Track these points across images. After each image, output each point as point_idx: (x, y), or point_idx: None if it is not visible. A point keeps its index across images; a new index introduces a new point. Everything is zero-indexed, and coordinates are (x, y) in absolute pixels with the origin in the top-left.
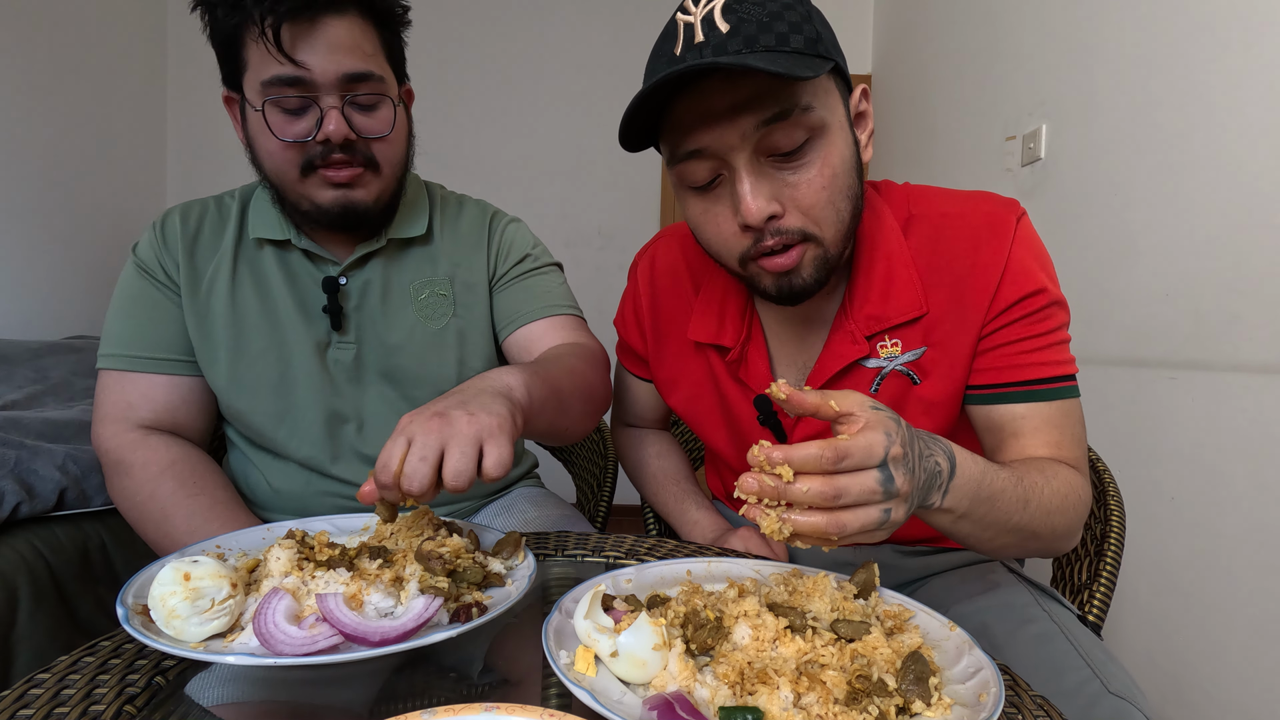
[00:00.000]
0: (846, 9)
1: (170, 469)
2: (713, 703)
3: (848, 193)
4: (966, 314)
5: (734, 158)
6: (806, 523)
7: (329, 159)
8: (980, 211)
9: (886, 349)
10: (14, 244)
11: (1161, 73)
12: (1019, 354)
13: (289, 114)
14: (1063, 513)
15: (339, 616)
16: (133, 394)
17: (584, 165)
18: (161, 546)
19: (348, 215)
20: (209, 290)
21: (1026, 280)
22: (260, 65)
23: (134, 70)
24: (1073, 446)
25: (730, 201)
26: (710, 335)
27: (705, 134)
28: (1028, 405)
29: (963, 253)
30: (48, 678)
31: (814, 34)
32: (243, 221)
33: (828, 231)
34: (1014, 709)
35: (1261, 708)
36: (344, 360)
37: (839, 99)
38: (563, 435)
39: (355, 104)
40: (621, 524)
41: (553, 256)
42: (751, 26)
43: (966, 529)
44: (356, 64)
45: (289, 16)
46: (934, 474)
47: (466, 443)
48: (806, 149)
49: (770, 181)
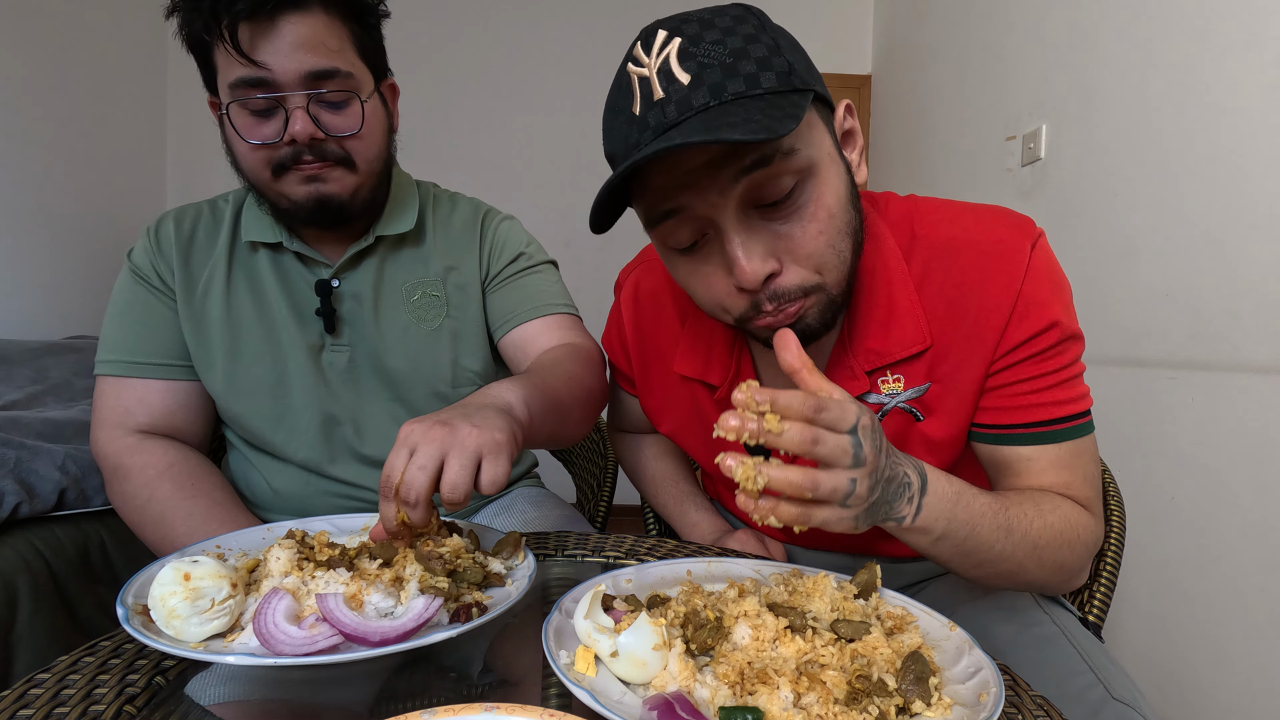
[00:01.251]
0: (846, 9)
1: (168, 472)
2: (713, 703)
3: (847, 230)
4: (974, 350)
5: (719, 216)
6: (781, 475)
7: (299, 160)
8: (991, 238)
9: (888, 384)
10: (14, 244)
11: (1161, 73)
12: (1028, 394)
13: (256, 116)
14: (1055, 548)
15: (339, 616)
16: (130, 399)
17: (584, 165)
18: (161, 549)
19: (324, 209)
20: (204, 294)
21: (1040, 315)
22: (226, 68)
23: (134, 70)
24: (1083, 486)
25: (721, 260)
26: (697, 371)
27: (682, 194)
28: (1035, 448)
29: (971, 283)
30: (48, 678)
31: (784, 66)
32: (236, 225)
33: (830, 276)
34: (1014, 709)
35: (1261, 708)
36: (338, 363)
37: (824, 130)
38: (561, 441)
39: (322, 101)
40: (621, 524)
41: (547, 254)
42: (715, 73)
43: (947, 552)
44: (320, 61)
45: (245, 16)
46: (902, 483)
47: (466, 455)
48: (796, 194)
49: (762, 237)
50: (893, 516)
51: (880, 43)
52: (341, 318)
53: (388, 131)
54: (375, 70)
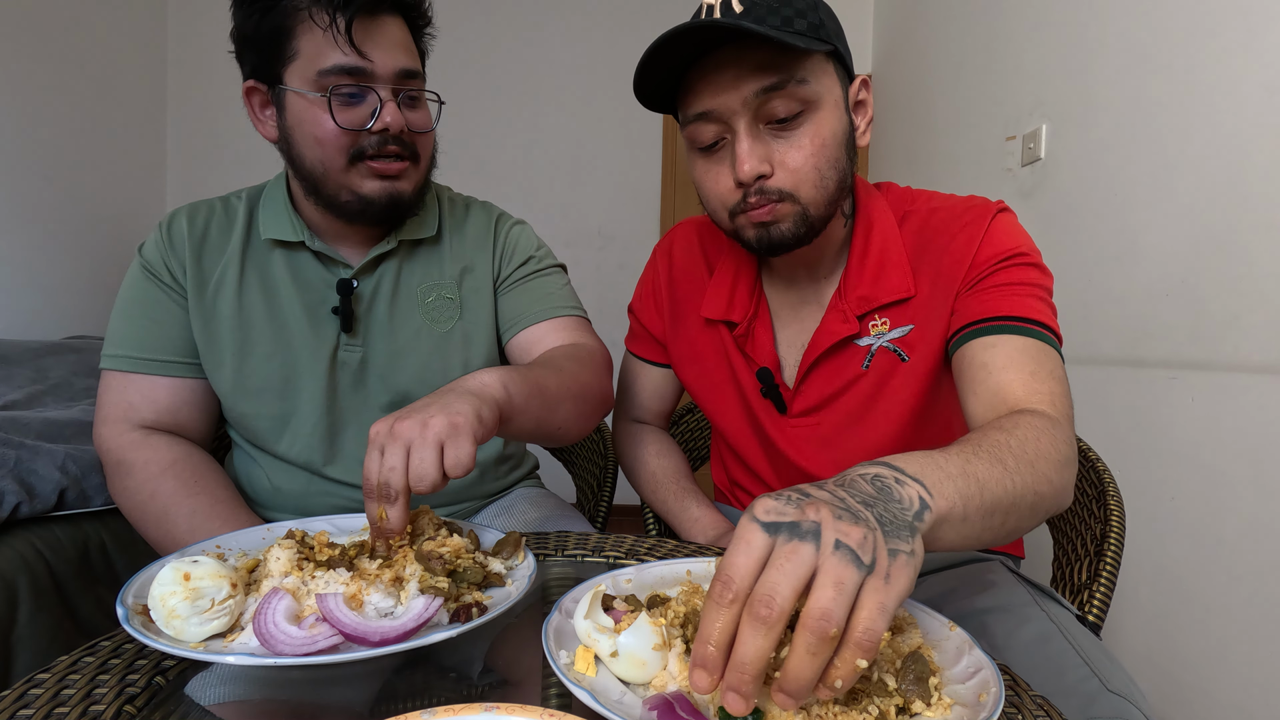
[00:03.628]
0: (846, 9)
1: (171, 468)
2: (713, 703)
3: (834, 164)
4: (947, 287)
5: (735, 121)
6: (793, 672)
7: (383, 149)
8: (965, 204)
9: (876, 327)
10: (14, 244)
11: (1161, 73)
12: (990, 296)
13: (347, 100)
14: (1041, 453)
15: (339, 616)
16: (134, 395)
17: (584, 166)
18: (163, 545)
19: (393, 207)
20: (215, 292)
21: (1003, 245)
22: (317, 55)
23: (134, 71)
24: (1049, 381)
25: (729, 161)
26: (720, 312)
27: (712, 98)
28: (996, 337)
29: (945, 236)
30: (48, 678)
31: (817, 20)
32: (250, 223)
33: (808, 193)
34: (1014, 709)
35: (1261, 708)
36: (350, 363)
37: (835, 80)
38: (554, 436)
39: (405, 99)
40: (621, 524)
41: (557, 258)
42: (762, 9)
43: (976, 525)
44: (409, 61)
45: (361, 11)
46: (881, 483)
47: (427, 445)
48: (800, 119)
49: (764, 145)
50: (907, 517)
51: (880, 43)
52: (359, 317)
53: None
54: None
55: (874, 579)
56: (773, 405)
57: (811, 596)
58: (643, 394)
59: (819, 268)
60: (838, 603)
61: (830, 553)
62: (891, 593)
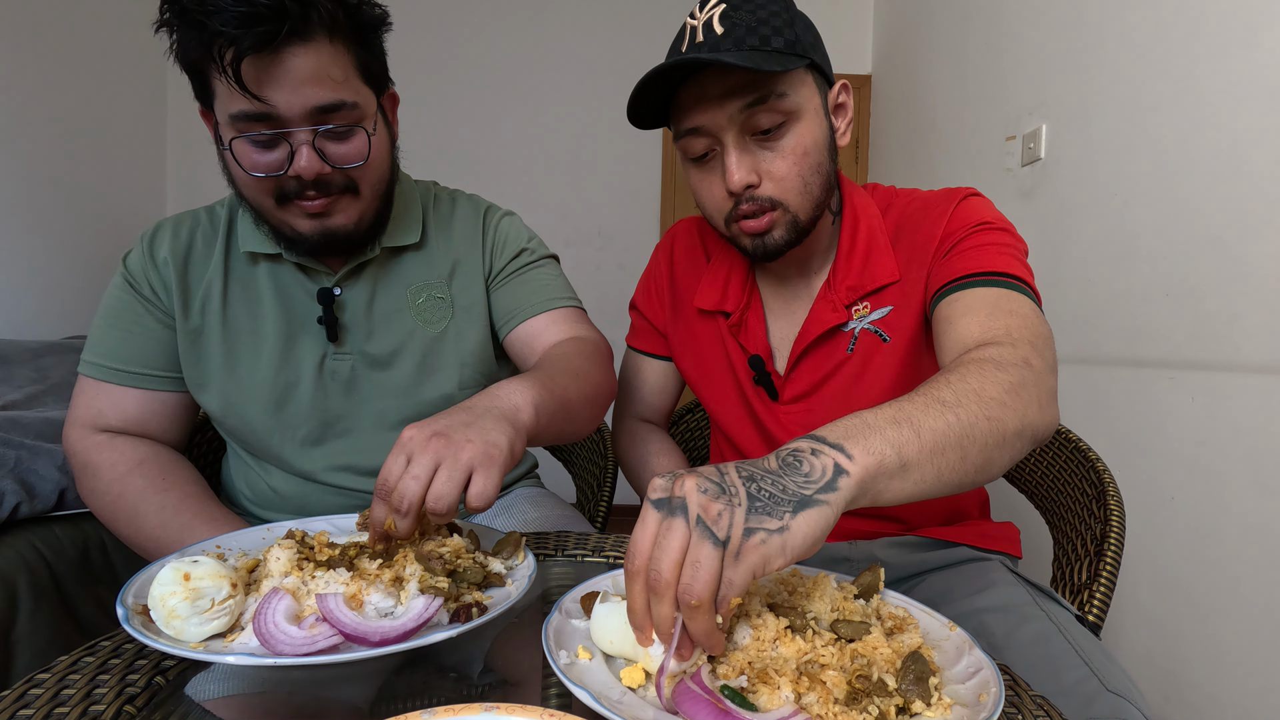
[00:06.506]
0: (846, 9)
1: (139, 468)
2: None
3: (818, 170)
4: (920, 263)
5: (723, 135)
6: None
7: (303, 193)
8: (939, 192)
9: (859, 311)
10: (14, 244)
11: (1161, 73)
12: (957, 259)
13: (259, 146)
14: (995, 388)
15: (339, 616)
16: (104, 403)
17: (584, 165)
18: (135, 543)
19: (329, 243)
20: (202, 308)
21: (971, 217)
22: (226, 99)
23: (134, 71)
24: (1005, 317)
25: (719, 172)
26: (715, 303)
27: (701, 115)
28: (962, 291)
29: (919, 218)
30: (48, 678)
31: (793, 37)
32: (229, 235)
33: (795, 200)
34: (1014, 709)
35: (1261, 708)
36: (341, 371)
37: (814, 90)
38: (568, 439)
39: (328, 134)
40: (621, 524)
41: (549, 248)
42: (741, 30)
43: (930, 473)
44: (325, 95)
45: (250, 52)
46: (789, 455)
47: (458, 468)
48: (783, 130)
49: (751, 155)
50: (805, 491)
51: (880, 43)
52: (344, 326)
53: (391, 151)
54: (377, 87)
55: (726, 555)
56: (765, 392)
57: (682, 572)
58: (644, 390)
59: (809, 263)
60: (697, 579)
61: (693, 529)
62: (739, 569)
